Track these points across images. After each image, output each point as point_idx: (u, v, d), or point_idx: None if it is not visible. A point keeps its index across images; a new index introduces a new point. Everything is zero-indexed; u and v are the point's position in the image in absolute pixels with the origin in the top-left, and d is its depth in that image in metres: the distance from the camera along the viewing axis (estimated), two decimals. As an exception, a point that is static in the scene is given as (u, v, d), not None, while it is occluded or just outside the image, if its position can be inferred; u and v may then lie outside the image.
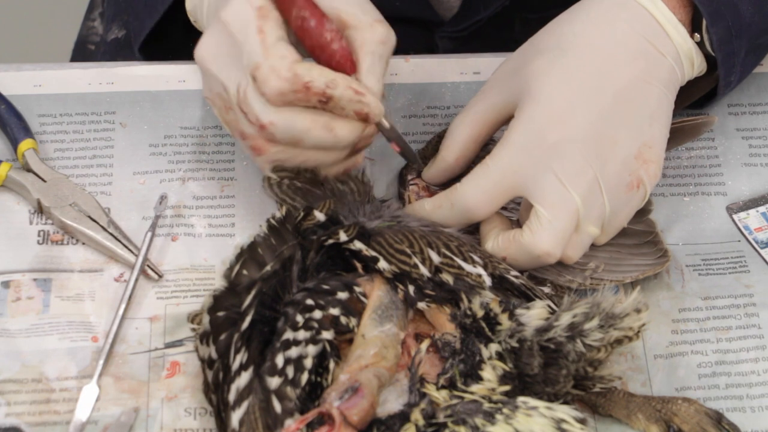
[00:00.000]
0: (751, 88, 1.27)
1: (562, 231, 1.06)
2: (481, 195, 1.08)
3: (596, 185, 1.06)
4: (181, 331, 1.09)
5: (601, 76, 1.08)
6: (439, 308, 1.04)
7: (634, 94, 1.08)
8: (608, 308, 1.01)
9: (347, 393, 0.97)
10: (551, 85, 1.07)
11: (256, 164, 1.11)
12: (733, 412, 1.05)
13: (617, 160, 1.07)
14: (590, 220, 1.07)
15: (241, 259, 1.01)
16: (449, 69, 1.28)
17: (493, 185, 1.07)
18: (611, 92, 1.08)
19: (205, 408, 1.04)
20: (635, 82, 1.08)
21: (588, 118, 1.07)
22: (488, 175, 1.07)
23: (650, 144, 1.08)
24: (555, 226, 1.06)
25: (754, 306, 1.12)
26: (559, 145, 1.06)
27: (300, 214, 1.05)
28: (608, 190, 1.07)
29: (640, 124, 1.08)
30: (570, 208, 1.06)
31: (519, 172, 1.07)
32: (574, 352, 1.00)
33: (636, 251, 1.13)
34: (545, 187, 1.06)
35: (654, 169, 1.09)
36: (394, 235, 1.05)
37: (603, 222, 1.08)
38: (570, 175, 1.05)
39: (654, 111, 1.09)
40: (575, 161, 1.06)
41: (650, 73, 1.09)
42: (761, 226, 1.17)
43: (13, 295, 1.11)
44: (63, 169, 1.18)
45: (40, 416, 1.04)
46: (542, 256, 1.06)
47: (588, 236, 1.08)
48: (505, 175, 1.07)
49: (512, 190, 1.07)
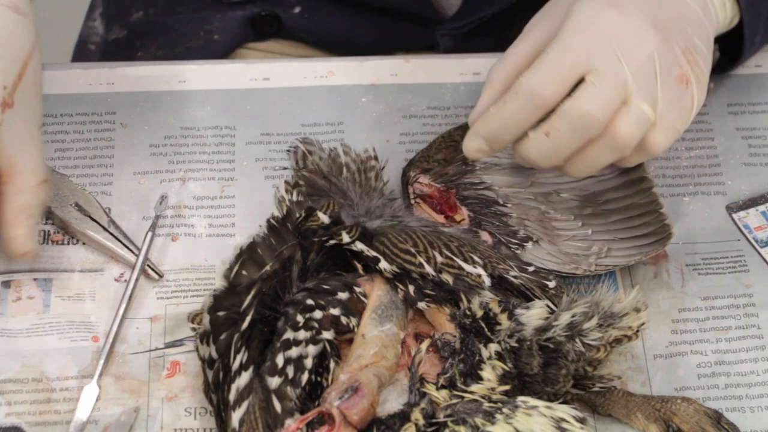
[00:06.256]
0: (751, 87, 1.27)
1: (605, 95, 1.04)
2: (542, 75, 1.05)
3: (650, 64, 1.05)
4: (181, 331, 1.09)
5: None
6: (438, 308, 1.04)
7: (677, 2, 1.09)
8: (607, 308, 1.02)
9: (347, 393, 0.97)
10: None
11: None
12: (732, 412, 1.06)
13: (669, 46, 1.07)
14: (641, 96, 1.05)
15: (240, 260, 1.01)
16: (449, 69, 1.28)
17: (553, 65, 1.05)
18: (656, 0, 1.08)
19: (205, 408, 1.04)
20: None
21: (640, 6, 1.06)
22: (546, 59, 1.05)
23: (695, 51, 1.08)
24: (598, 90, 1.04)
25: (753, 306, 1.12)
26: (615, 22, 1.05)
27: (301, 215, 1.05)
28: (662, 71, 1.06)
29: (685, 27, 1.08)
30: (618, 77, 1.04)
31: (576, 49, 1.05)
32: (574, 352, 1.00)
33: (638, 232, 1.13)
34: (598, 58, 1.04)
35: (700, 73, 1.08)
36: (397, 235, 1.05)
37: (656, 108, 1.06)
38: (624, 48, 1.05)
39: (695, 28, 1.09)
40: (631, 35, 1.05)
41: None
42: (761, 225, 1.17)
43: (13, 294, 1.11)
44: (63, 169, 1.18)
45: (41, 416, 1.04)
46: (583, 117, 1.03)
47: (640, 113, 1.05)
48: (562, 54, 1.05)
49: (573, 68, 1.05)
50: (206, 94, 1.24)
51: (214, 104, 1.24)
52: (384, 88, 1.27)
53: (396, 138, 1.24)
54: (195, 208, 1.17)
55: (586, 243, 1.11)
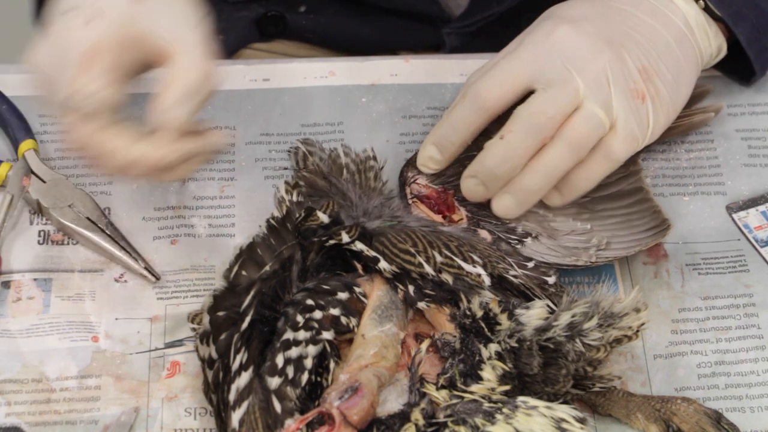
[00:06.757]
0: (750, 89, 1.27)
1: (555, 97, 1.07)
2: (488, 80, 1.10)
3: (603, 75, 1.08)
4: (181, 331, 1.09)
5: (612, 11, 1.12)
6: (438, 308, 1.04)
7: (644, 29, 1.12)
8: (607, 308, 1.02)
9: (347, 393, 0.97)
10: (563, 9, 1.12)
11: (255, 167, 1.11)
12: (732, 412, 1.05)
13: (623, 62, 1.09)
14: (595, 101, 1.08)
15: (240, 260, 1.01)
16: (449, 70, 1.28)
17: (499, 71, 1.09)
18: (619, 19, 1.11)
19: (205, 408, 1.04)
20: (645, 22, 1.12)
21: (597, 25, 1.10)
22: (496, 66, 1.10)
23: (656, 73, 1.10)
24: (548, 93, 1.07)
25: (753, 306, 1.12)
26: (569, 37, 1.09)
27: (301, 215, 1.05)
28: (615, 82, 1.08)
29: (648, 50, 1.11)
30: (569, 84, 1.07)
31: (524, 58, 1.09)
32: (574, 352, 1.00)
33: (636, 223, 1.13)
34: (547, 69, 1.08)
35: (656, 95, 1.10)
36: (396, 235, 1.05)
37: (611, 114, 1.08)
38: (576, 61, 1.08)
39: (662, 54, 1.11)
40: (583, 50, 1.08)
41: (662, 26, 1.13)
42: (761, 224, 1.17)
43: (13, 295, 1.11)
44: (63, 169, 1.18)
45: (41, 416, 1.04)
46: (534, 115, 1.07)
47: (593, 114, 1.08)
48: (510, 62, 1.09)
49: (518, 74, 1.09)
50: (206, 95, 1.25)
51: (214, 104, 1.24)
52: (384, 88, 1.27)
53: (396, 138, 1.24)
54: (195, 209, 1.17)
55: (586, 236, 1.12)
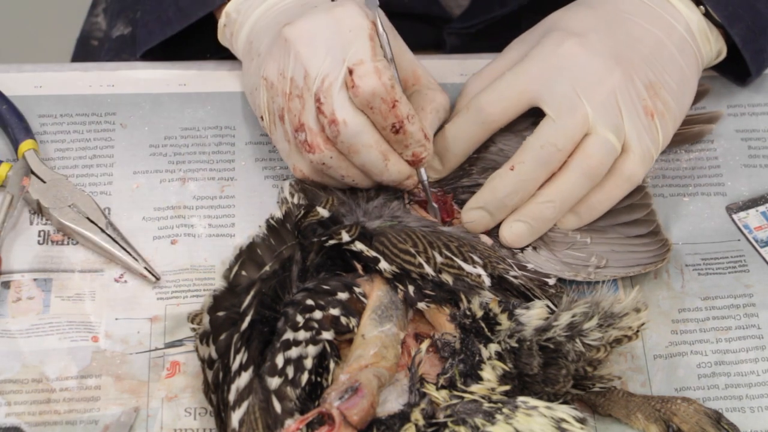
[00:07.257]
0: (750, 89, 1.27)
1: (565, 127, 1.07)
2: (492, 93, 1.10)
3: (612, 98, 1.08)
4: (181, 331, 1.09)
5: (617, 20, 1.12)
6: (438, 308, 1.04)
7: (648, 40, 1.12)
8: (607, 308, 1.02)
9: (347, 393, 0.97)
10: (568, 18, 1.12)
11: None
12: (732, 412, 1.05)
13: (631, 81, 1.09)
14: (605, 126, 1.08)
15: (240, 260, 1.01)
16: (449, 70, 1.28)
17: (504, 86, 1.10)
18: (625, 31, 1.11)
19: (205, 408, 1.04)
20: (649, 32, 1.12)
21: (604, 40, 1.10)
22: (501, 80, 1.11)
23: (663, 86, 1.11)
24: (558, 123, 1.08)
25: (753, 306, 1.12)
26: (577, 56, 1.09)
27: (300, 212, 1.05)
28: (624, 104, 1.09)
29: (653, 63, 1.11)
30: (578, 111, 1.08)
31: (531, 74, 1.09)
32: (574, 352, 1.00)
33: (637, 243, 1.13)
34: (555, 90, 1.08)
35: (664, 110, 1.11)
36: (396, 235, 1.05)
37: (622, 137, 1.09)
38: (584, 84, 1.08)
39: (666, 65, 1.12)
40: (592, 71, 1.08)
41: (665, 35, 1.13)
42: (761, 224, 1.17)
43: (13, 295, 1.11)
44: (63, 169, 1.18)
45: (41, 416, 1.04)
46: (544, 147, 1.07)
47: (605, 140, 1.08)
48: (517, 77, 1.10)
49: (523, 91, 1.09)
50: (206, 96, 1.25)
51: (214, 104, 1.24)
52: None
53: (396, 138, 1.23)
54: (195, 209, 1.17)
55: (585, 253, 1.11)
